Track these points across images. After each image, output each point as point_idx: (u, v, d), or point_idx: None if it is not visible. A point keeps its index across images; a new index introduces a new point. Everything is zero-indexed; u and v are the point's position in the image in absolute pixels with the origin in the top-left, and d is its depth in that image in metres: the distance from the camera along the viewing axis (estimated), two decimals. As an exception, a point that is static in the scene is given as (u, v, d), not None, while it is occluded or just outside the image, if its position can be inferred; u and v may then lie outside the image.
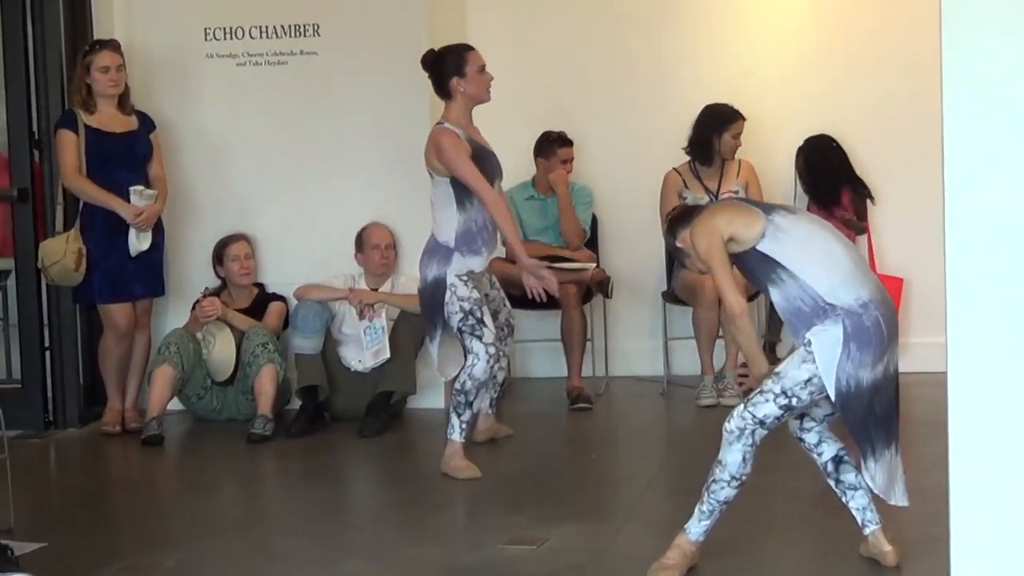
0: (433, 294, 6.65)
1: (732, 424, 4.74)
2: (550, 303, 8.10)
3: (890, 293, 8.35)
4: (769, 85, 8.75)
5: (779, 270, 4.75)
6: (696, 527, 4.88)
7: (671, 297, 8.39)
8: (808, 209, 8.06)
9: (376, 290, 7.80)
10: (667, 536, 5.02)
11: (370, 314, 7.65)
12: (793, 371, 4.70)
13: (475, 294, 6.58)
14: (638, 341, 8.83)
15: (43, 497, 6.68)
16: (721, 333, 8.00)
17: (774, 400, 4.70)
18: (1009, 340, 3.45)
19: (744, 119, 8.28)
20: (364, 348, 7.67)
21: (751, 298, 8.08)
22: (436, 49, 6.78)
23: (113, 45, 7.67)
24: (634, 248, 8.81)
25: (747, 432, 4.72)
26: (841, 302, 4.68)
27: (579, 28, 8.91)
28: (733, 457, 4.75)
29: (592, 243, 8.64)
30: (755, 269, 4.83)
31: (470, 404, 6.58)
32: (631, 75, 8.89)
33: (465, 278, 6.59)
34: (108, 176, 7.57)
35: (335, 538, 5.74)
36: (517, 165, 8.32)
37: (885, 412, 4.73)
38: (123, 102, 7.72)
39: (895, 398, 4.81)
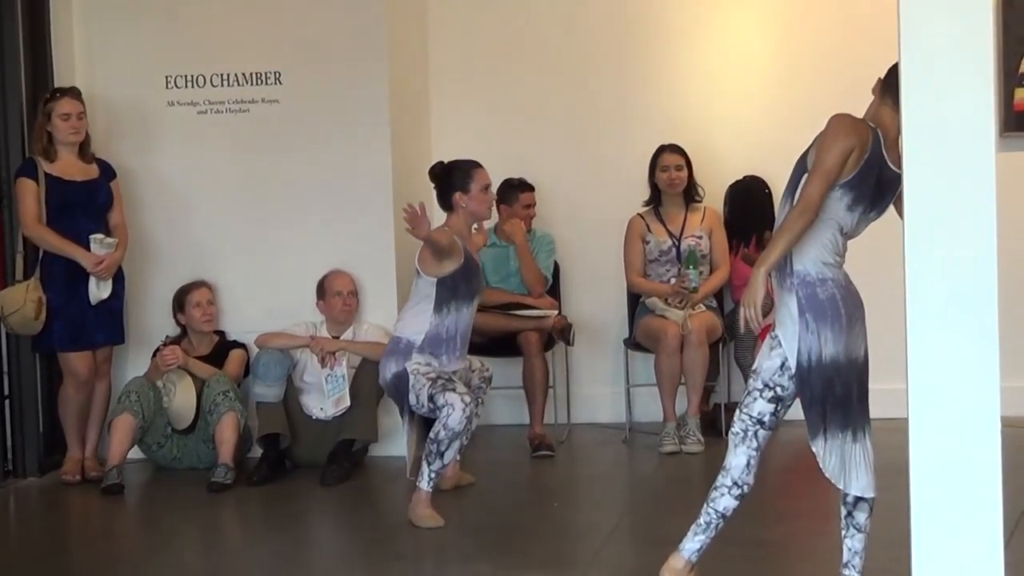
0: (397, 388, 6.71)
1: (736, 427, 4.80)
2: (512, 351, 8.16)
3: None
4: (727, 131, 8.80)
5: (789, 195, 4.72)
6: (691, 543, 4.88)
7: (633, 344, 8.40)
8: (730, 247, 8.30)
9: (338, 338, 7.79)
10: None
11: (332, 362, 7.63)
12: (767, 362, 4.74)
13: (437, 369, 6.64)
14: (600, 388, 8.84)
15: (2, 547, 6.62)
16: (683, 380, 8.01)
17: (760, 395, 4.75)
18: (969, 385, 3.47)
19: (673, 151, 8.31)
20: (326, 396, 7.65)
21: (715, 343, 8.13)
22: (445, 162, 6.88)
23: (74, 92, 7.67)
24: (596, 295, 8.84)
25: (749, 434, 4.77)
26: (800, 269, 4.68)
27: (540, 76, 8.95)
28: (738, 460, 4.79)
29: (554, 290, 8.65)
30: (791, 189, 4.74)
31: (442, 454, 6.55)
32: (592, 123, 8.94)
33: (426, 366, 6.64)
34: (68, 224, 7.55)
35: (297, 588, 5.71)
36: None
37: (845, 395, 4.72)
38: (84, 150, 7.70)
39: (860, 389, 4.79)
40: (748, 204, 8.61)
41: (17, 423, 7.83)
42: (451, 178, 6.78)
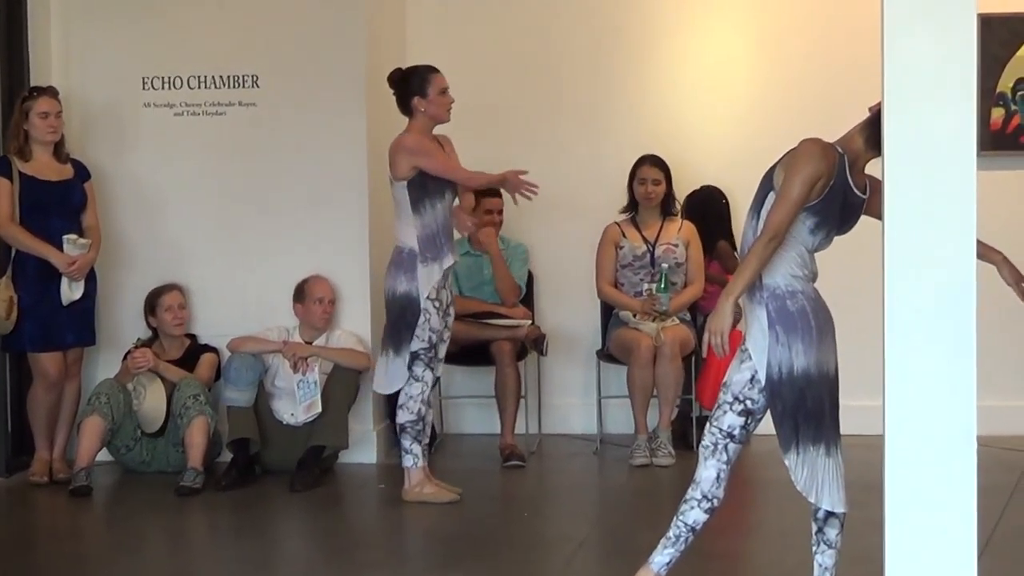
0: (402, 310, 6.91)
1: (706, 440, 4.79)
2: (484, 360, 8.15)
3: None
4: (701, 141, 8.82)
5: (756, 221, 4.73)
6: (660, 556, 4.87)
7: (606, 355, 8.40)
8: None
9: (311, 343, 7.77)
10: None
11: (304, 368, 7.61)
12: (736, 375, 4.73)
13: (439, 324, 6.94)
14: (572, 399, 8.84)
15: (-32, 547, 6.59)
16: (655, 392, 8.00)
17: (731, 409, 4.73)
18: (946, 404, 3.47)
19: (653, 164, 8.29)
20: (297, 402, 7.63)
21: (688, 357, 8.14)
22: (402, 68, 7.12)
23: (52, 91, 7.64)
24: (569, 306, 8.84)
25: (719, 448, 4.75)
26: (771, 282, 4.68)
27: (517, 85, 8.95)
28: (708, 473, 4.77)
29: (528, 300, 8.64)
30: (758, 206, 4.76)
31: (422, 430, 6.96)
32: (568, 131, 8.93)
33: (436, 303, 6.90)
34: (41, 224, 7.51)
35: (265, 594, 5.69)
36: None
37: (816, 408, 4.70)
38: (59, 150, 7.67)
39: (831, 403, 4.78)
40: (706, 214, 8.62)
41: (-15, 423, 7.80)
42: (409, 84, 7.07)
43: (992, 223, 7.32)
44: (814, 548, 4.92)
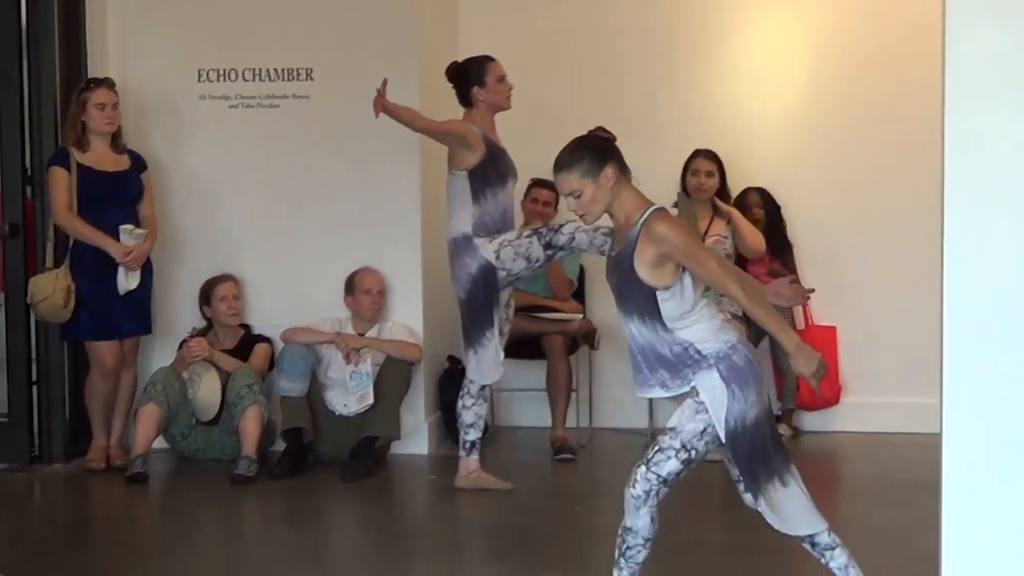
0: (484, 281, 6.98)
1: (638, 488, 4.70)
2: (536, 353, 8.18)
3: (824, 342, 8.57)
4: (755, 140, 8.83)
5: (655, 321, 4.67)
6: None
7: (656, 350, 8.38)
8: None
9: (363, 335, 7.81)
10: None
11: (356, 359, 7.66)
12: (688, 424, 4.66)
13: (502, 313, 7.13)
14: (623, 393, 8.77)
15: (27, 532, 6.65)
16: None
17: (675, 456, 4.67)
18: (1004, 402, 3.47)
19: (707, 157, 8.28)
20: (349, 393, 7.68)
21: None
22: (458, 61, 7.21)
23: (109, 83, 7.71)
24: (621, 300, 8.83)
25: (652, 494, 4.70)
26: (711, 351, 4.67)
27: (569, 79, 8.97)
28: (643, 521, 4.75)
29: (579, 294, 8.67)
30: (639, 301, 4.69)
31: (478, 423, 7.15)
32: (620, 126, 8.87)
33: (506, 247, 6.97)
34: (99, 214, 7.59)
35: (318, 583, 5.74)
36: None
37: (762, 447, 4.69)
38: (116, 141, 7.74)
39: (771, 430, 4.77)
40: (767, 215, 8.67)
41: (44, 410, 7.90)
42: (467, 74, 7.20)
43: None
44: (821, 560, 4.85)
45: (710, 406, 4.64)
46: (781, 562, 5.98)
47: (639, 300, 4.65)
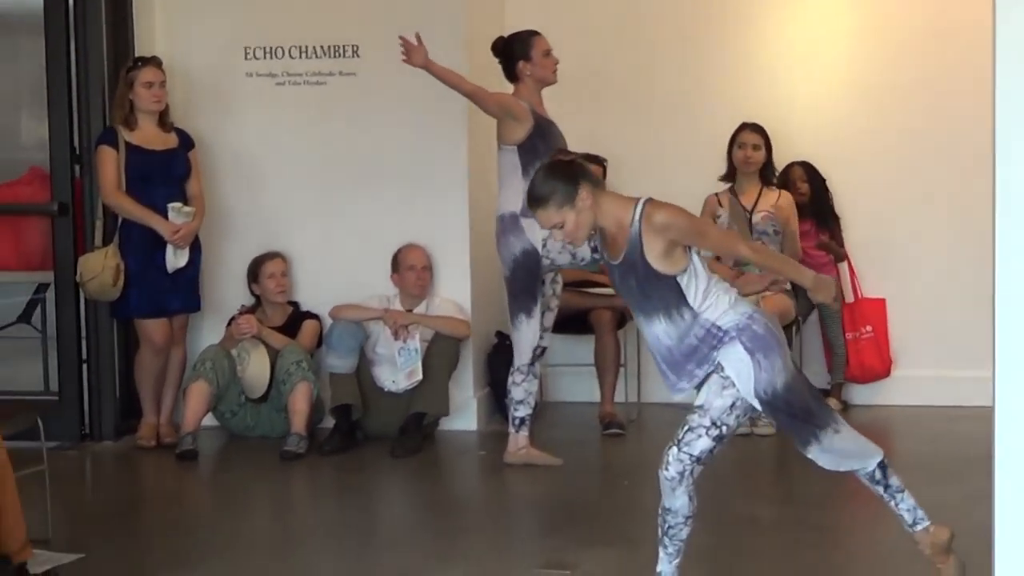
0: (526, 265, 7.01)
1: (671, 471, 4.69)
2: (584, 328, 8.17)
3: (874, 315, 8.55)
4: (800, 114, 8.78)
5: (684, 308, 4.67)
6: (668, 567, 4.85)
7: (704, 324, 8.36)
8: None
9: (411, 311, 7.82)
10: (699, 563, 5.07)
11: (404, 335, 7.67)
12: (716, 400, 4.66)
13: (548, 290, 7.20)
14: (671, 368, 8.81)
15: (79, 509, 6.70)
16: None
17: (706, 433, 4.66)
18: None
19: (753, 130, 8.25)
20: (398, 369, 7.69)
21: (788, 326, 8.12)
22: (504, 36, 7.22)
23: (156, 61, 7.72)
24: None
25: (687, 473, 4.69)
26: (731, 323, 4.66)
27: (616, 52, 8.93)
28: (680, 501, 4.74)
29: (627, 269, 8.62)
30: (657, 294, 4.67)
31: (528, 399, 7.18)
32: (665, 99, 8.91)
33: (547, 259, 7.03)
34: (147, 193, 7.61)
35: (366, 559, 5.76)
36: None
37: (803, 407, 4.70)
38: (163, 119, 7.76)
39: (807, 386, 4.79)
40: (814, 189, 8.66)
41: (95, 387, 7.95)
42: (512, 49, 7.22)
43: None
44: (889, 502, 4.88)
45: (737, 381, 4.64)
46: (831, 537, 5.99)
47: (665, 293, 4.65)
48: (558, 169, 4.65)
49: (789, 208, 8.27)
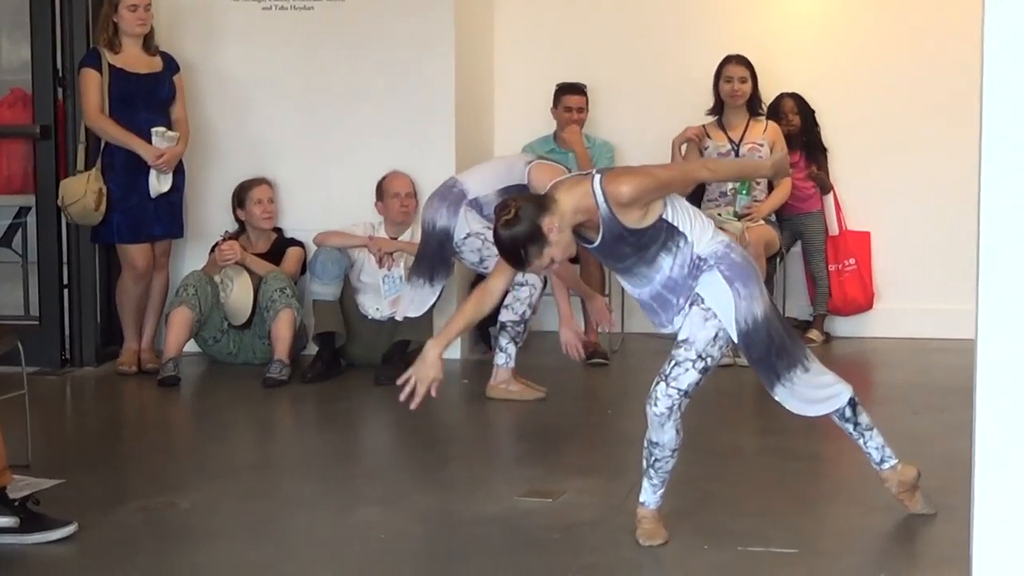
0: (441, 245, 6.90)
1: (660, 406, 4.71)
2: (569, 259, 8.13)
3: (858, 247, 8.56)
4: (786, 46, 8.76)
5: (678, 237, 4.68)
6: (652, 497, 4.88)
7: (690, 253, 8.36)
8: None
9: (396, 239, 7.79)
10: (680, 492, 5.08)
11: (389, 263, 7.65)
12: (700, 332, 4.67)
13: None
14: (655, 298, 8.80)
15: (60, 435, 6.69)
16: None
17: (693, 367, 4.68)
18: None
19: (738, 63, 8.24)
20: (382, 296, 7.68)
21: (772, 257, 8.11)
22: None
23: (141, -17, 7.65)
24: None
25: (675, 407, 4.72)
26: (709, 252, 4.68)
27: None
28: (668, 435, 4.76)
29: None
30: (652, 241, 4.66)
31: (521, 332, 7.13)
32: (653, 31, 8.86)
33: (480, 237, 6.81)
34: (130, 117, 7.56)
35: (349, 485, 5.76)
36: (538, 118, 8.36)
37: (780, 339, 4.72)
38: (148, 43, 7.69)
39: (781, 321, 4.82)
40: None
41: (76, 313, 7.92)
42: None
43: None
44: (858, 440, 4.93)
45: (718, 310, 4.66)
46: (816, 466, 6.01)
47: (659, 236, 4.65)
48: (515, 233, 4.56)
49: (777, 135, 8.26)
